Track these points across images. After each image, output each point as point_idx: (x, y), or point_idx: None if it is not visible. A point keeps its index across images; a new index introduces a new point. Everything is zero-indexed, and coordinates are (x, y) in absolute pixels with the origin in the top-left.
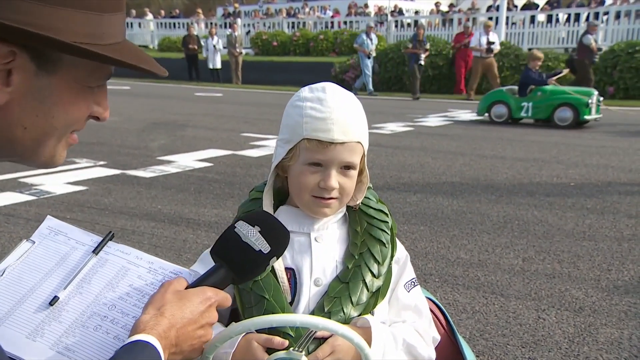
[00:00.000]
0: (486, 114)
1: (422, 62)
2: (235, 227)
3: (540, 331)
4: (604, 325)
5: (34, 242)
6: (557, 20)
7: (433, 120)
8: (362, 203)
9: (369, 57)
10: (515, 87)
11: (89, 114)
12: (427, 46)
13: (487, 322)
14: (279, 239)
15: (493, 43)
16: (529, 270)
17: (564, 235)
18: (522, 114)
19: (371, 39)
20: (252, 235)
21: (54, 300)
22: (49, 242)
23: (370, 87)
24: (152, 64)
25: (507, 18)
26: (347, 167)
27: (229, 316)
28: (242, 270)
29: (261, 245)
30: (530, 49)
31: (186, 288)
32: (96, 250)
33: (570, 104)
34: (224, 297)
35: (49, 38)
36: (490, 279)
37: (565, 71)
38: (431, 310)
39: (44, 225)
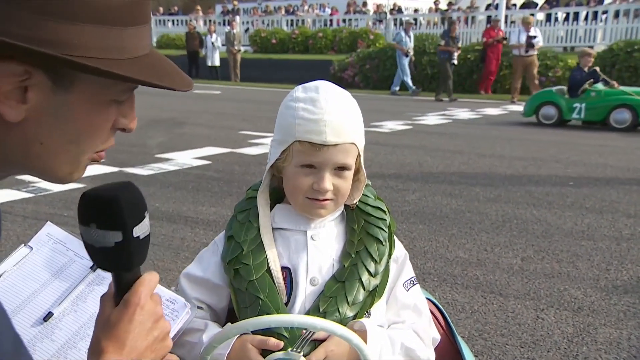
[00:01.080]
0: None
1: (455, 61)
2: (82, 235)
3: (539, 331)
4: (602, 325)
5: (31, 249)
6: (556, 19)
7: (432, 119)
8: (359, 201)
9: (406, 56)
10: (564, 87)
11: (114, 127)
12: (460, 44)
13: (486, 322)
14: (118, 218)
15: (534, 38)
16: (528, 269)
17: (563, 234)
18: (574, 115)
19: (410, 37)
20: (98, 236)
21: (48, 316)
22: (46, 251)
23: (412, 84)
24: (174, 77)
25: (506, 17)
26: (341, 169)
27: (226, 316)
28: (127, 264)
29: (111, 237)
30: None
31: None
32: (94, 267)
33: (629, 105)
34: (148, 287)
35: (61, 58)
36: (489, 279)
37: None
38: (430, 311)
39: (43, 231)
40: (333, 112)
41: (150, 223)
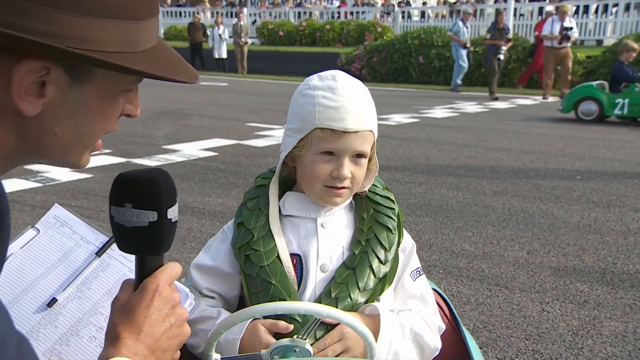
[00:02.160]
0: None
1: (502, 56)
2: (113, 217)
3: (544, 324)
4: (608, 318)
5: (38, 231)
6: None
7: (439, 112)
8: (368, 190)
9: (464, 47)
10: (604, 82)
11: (120, 114)
12: (510, 35)
13: (491, 314)
14: (157, 196)
15: (570, 29)
16: (534, 262)
17: (570, 228)
18: (616, 111)
19: (467, 27)
20: (131, 216)
21: (52, 302)
22: (53, 233)
23: (458, 80)
24: (182, 69)
25: (515, 9)
26: (358, 156)
27: (237, 305)
28: (153, 249)
29: (147, 216)
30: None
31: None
32: (99, 253)
33: None
34: (169, 275)
35: (81, 55)
36: (495, 271)
37: None
38: (436, 302)
39: (50, 213)
40: (352, 100)
41: None
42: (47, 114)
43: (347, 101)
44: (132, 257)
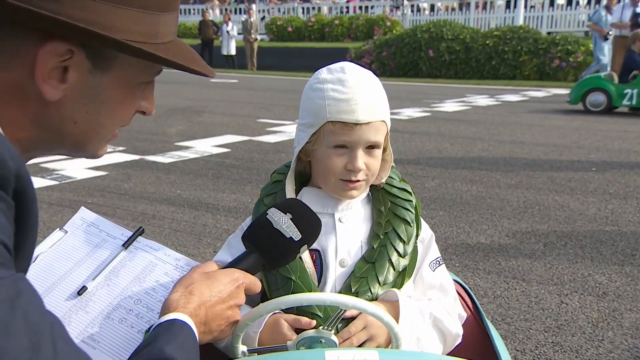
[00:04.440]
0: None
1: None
2: (268, 213)
3: (563, 316)
4: (628, 310)
5: (66, 232)
6: (577, 3)
7: (450, 106)
8: (385, 182)
9: (606, 39)
10: (613, 73)
11: (136, 109)
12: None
13: (509, 307)
14: (310, 227)
15: None
16: (551, 255)
17: (586, 220)
18: (625, 102)
19: (611, 14)
20: (283, 222)
21: (82, 290)
22: (80, 233)
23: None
24: (200, 63)
25: (526, 1)
26: (372, 147)
27: (260, 300)
28: (272, 257)
29: (292, 232)
30: (549, 33)
31: None
32: (126, 245)
33: None
34: (253, 281)
35: (110, 38)
36: (512, 264)
37: None
38: (457, 292)
39: (77, 216)
40: (362, 91)
41: (172, 210)
42: (68, 100)
43: (357, 93)
44: (158, 247)
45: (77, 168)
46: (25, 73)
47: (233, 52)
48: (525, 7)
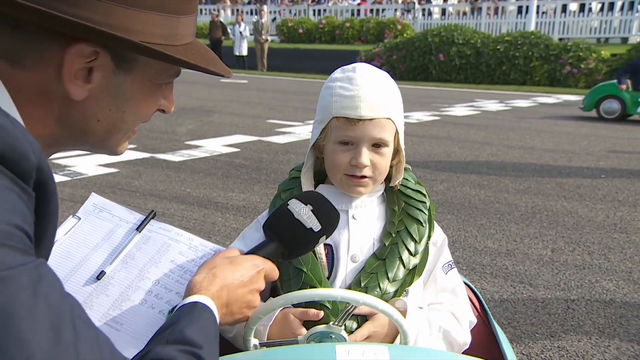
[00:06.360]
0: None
1: None
2: (289, 204)
3: (569, 321)
4: (635, 317)
5: (79, 218)
6: (590, 9)
7: (460, 110)
8: (400, 184)
9: None
10: (628, 81)
11: (157, 107)
12: None
13: (516, 311)
14: (330, 218)
15: None
16: (558, 260)
17: (595, 227)
18: (639, 110)
19: None
20: (304, 213)
21: (101, 275)
22: (94, 219)
23: None
24: (217, 64)
25: (538, 7)
26: (378, 145)
27: (269, 292)
28: (292, 246)
29: (312, 223)
30: (560, 39)
31: None
32: (139, 228)
33: None
34: (272, 268)
35: (129, 41)
36: (519, 269)
37: None
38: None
39: (89, 202)
40: (368, 88)
41: (182, 207)
42: (92, 99)
43: (362, 89)
44: (171, 229)
45: (89, 165)
46: (51, 74)
47: (245, 52)
48: (537, 12)
